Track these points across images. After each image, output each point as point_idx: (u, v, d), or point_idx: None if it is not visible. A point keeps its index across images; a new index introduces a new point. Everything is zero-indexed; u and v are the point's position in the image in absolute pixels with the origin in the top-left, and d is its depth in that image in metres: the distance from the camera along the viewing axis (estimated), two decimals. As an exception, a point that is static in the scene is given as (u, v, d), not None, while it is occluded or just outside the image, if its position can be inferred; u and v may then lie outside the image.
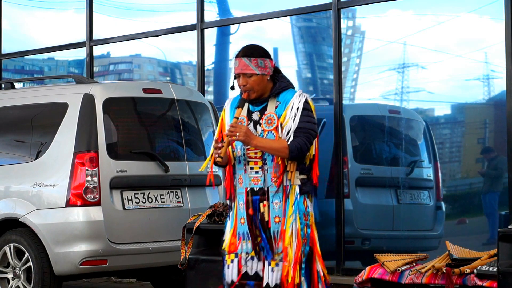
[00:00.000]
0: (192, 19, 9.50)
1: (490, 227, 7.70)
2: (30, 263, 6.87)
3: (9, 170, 7.23)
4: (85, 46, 10.48)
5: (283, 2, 8.95)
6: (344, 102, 8.33)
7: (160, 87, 7.50)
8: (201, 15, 9.41)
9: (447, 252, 5.76)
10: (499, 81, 7.57)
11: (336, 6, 8.27)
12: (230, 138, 4.70)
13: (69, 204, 6.77)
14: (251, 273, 4.80)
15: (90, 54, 10.45)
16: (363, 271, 6.03)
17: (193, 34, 9.48)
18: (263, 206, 4.78)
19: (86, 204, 6.78)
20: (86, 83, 7.27)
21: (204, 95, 8.79)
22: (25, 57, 11.56)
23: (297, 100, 4.79)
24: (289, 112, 4.77)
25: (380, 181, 8.39)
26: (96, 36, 10.44)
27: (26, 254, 6.90)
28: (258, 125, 4.81)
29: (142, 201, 7.10)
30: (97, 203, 6.81)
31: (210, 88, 9.74)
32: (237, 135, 4.67)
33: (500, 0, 7.36)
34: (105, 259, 6.84)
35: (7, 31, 11.59)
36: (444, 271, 5.59)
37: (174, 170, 7.27)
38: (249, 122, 4.83)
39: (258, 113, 4.84)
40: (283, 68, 5.09)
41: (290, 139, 4.71)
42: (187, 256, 6.49)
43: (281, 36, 9.24)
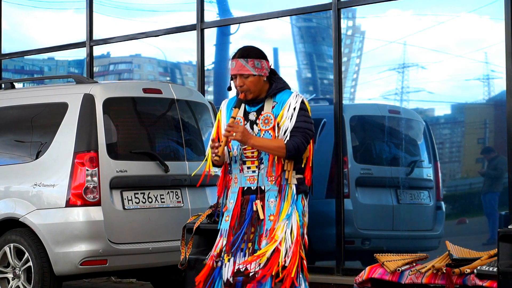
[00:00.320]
0: (192, 19, 9.50)
1: (490, 227, 7.70)
2: (30, 263, 6.87)
3: (9, 170, 7.23)
4: (85, 46, 10.48)
5: (283, 2, 8.95)
6: (344, 102, 8.33)
7: (160, 87, 7.50)
8: (201, 15, 9.42)
9: (447, 252, 5.76)
10: (499, 81, 7.57)
11: (336, 6, 8.27)
12: (227, 138, 4.73)
13: (69, 204, 6.77)
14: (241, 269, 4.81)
15: (90, 54, 10.44)
16: (363, 271, 6.04)
17: (193, 34, 9.48)
18: (255, 204, 4.81)
19: (86, 204, 6.77)
20: (86, 83, 7.27)
21: (204, 95, 8.79)
22: (25, 57, 11.56)
23: (293, 100, 4.85)
24: (286, 112, 4.82)
25: (380, 181, 8.39)
26: (96, 36, 10.44)
27: (26, 254, 6.90)
28: (255, 125, 4.85)
29: (142, 201, 7.10)
30: (97, 203, 6.81)
31: (210, 88, 9.74)
32: (234, 134, 4.70)
33: (500, 0, 7.36)
34: (105, 259, 6.84)
35: (7, 31, 11.59)
36: (444, 271, 5.59)
37: (174, 170, 7.27)
38: (246, 122, 4.87)
39: (254, 113, 4.89)
40: (283, 68, 5.12)
41: (287, 138, 4.74)
42: (187, 256, 6.49)
43: (281, 36, 9.24)
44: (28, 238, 6.88)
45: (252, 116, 4.88)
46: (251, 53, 4.85)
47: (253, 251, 4.78)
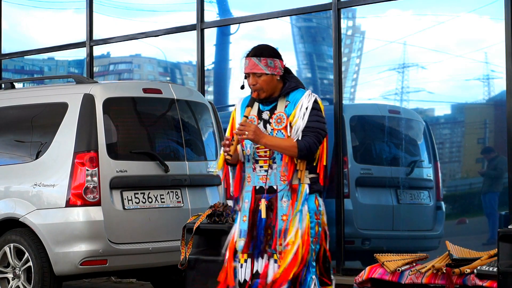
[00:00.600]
0: (192, 19, 9.50)
1: (490, 227, 7.70)
2: (30, 263, 6.87)
3: (9, 170, 7.23)
4: (85, 46, 10.48)
5: (283, 2, 8.95)
6: (344, 102, 8.33)
7: (160, 87, 7.50)
8: (201, 15, 9.42)
9: (447, 252, 5.76)
10: (499, 81, 7.57)
11: (336, 6, 8.27)
12: (239, 137, 4.73)
13: (69, 204, 6.77)
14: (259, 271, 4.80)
15: (90, 54, 10.45)
16: (363, 271, 6.04)
17: (193, 34, 9.48)
18: (259, 202, 4.79)
19: (86, 204, 6.77)
20: (86, 83, 7.27)
21: (204, 95, 8.79)
22: (25, 57, 11.56)
23: (306, 99, 4.83)
24: (299, 111, 4.79)
25: (380, 181, 8.39)
26: (96, 36, 10.44)
27: (26, 254, 6.89)
28: (268, 124, 4.84)
29: (142, 201, 7.10)
30: (97, 203, 6.81)
31: (210, 88, 9.75)
32: (246, 133, 4.70)
33: (500, 0, 7.36)
34: (105, 259, 6.84)
35: (7, 31, 11.59)
36: (444, 271, 5.59)
37: (174, 170, 7.27)
38: (259, 121, 4.86)
39: (268, 112, 4.87)
40: (282, 68, 5.09)
41: (299, 138, 4.73)
42: (187, 256, 6.50)
43: (281, 36, 9.24)
44: (28, 238, 6.88)
45: (265, 115, 4.87)
46: (265, 51, 4.84)
47: (271, 254, 4.77)
